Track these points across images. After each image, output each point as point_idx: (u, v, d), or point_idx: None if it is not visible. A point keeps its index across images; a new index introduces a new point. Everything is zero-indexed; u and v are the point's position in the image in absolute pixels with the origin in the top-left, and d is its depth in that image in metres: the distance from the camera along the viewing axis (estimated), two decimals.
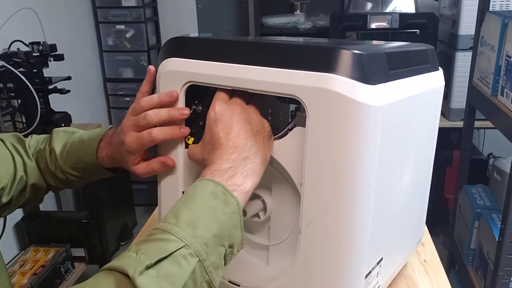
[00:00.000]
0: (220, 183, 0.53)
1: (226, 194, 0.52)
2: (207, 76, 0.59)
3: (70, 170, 0.72)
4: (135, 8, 2.62)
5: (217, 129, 0.57)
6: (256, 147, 0.57)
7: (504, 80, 1.42)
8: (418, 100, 0.63)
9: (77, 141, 0.72)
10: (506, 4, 1.70)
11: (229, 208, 0.51)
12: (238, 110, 0.58)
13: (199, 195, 0.51)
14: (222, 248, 0.50)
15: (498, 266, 1.39)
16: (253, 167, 0.56)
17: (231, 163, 0.54)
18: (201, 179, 0.53)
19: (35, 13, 2.03)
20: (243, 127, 0.57)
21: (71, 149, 0.71)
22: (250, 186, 0.55)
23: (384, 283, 0.68)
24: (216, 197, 0.51)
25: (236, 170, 0.54)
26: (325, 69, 0.51)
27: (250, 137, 0.57)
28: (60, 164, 0.72)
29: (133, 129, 0.62)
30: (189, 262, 0.46)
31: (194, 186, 0.53)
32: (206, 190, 0.52)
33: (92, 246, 2.02)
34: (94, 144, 0.70)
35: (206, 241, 0.48)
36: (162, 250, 0.46)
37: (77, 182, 0.74)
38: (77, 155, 0.71)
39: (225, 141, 0.56)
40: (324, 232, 0.55)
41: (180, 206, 0.51)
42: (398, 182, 0.63)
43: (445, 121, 2.12)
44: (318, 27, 2.58)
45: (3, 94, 1.72)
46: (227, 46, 0.60)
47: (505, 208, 1.33)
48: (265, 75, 0.55)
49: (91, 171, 0.72)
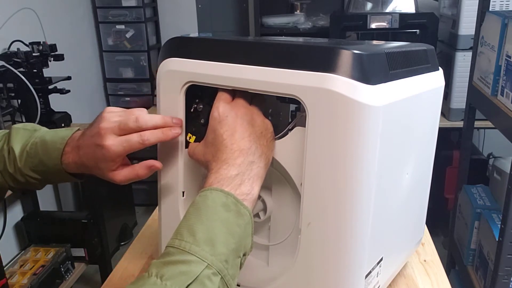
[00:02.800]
0: (230, 193, 0.52)
1: (238, 205, 0.51)
2: (207, 76, 0.59)
3: (30, 173, 0.65)
4: (135, 8, 2.62)
5: (221, 130, 0.56)
6: (260, 151, 0.56)
7: (504, 80, 1.42)
8: (418, 100, 0.63)
9: (38, 141, 0.64)
10: (506, 4, 1.70)
11: (242, 219, 0.51)
12: (242, 112, 0.58)
13: (212, 208, 0.51)
14: (238, 259, 0.50)
15: (498, 266, 1.39)
16: (258, 171, 0.56)
17: (237, 169, 0.54)
18: (209, 188, 0.52)
19: (35, 13, 2.03)
20: (247, 130, 0.56)
21: (32, 151, 0.64)
22: (257, 192, 0.55)
23: (384, 283, 0.68)
24: (229, 209, 0.51)
25: (243, 177, 0.54)
26: (325, 69, 0.51)
27: (254, 140, 0.56)
28: (19, 166, 0.65)
29: (116, 132, 0.58)
30: (213, 282, 0.46)
31: (204, 197, 0.52)
32: (218, 202, 0.51)
33: (92, 246, 2.02)
34: (58, 147, 0.63)
35: (226, 257, 0.48)
36: (187, 276, 0.45)
37: (38, 185, 0.68)
38: (38, 157, 0.64)
39: (230, 144, 0.55)
40: (324, 232, 0.55)
41: (194, 222, 0.50)
42: (398, 182, 0.63)
43: (445, 121, 2.12)
44: (318, 27, 2.58)
45: (3, 94, 1.71)
46: (227, 46, 0.60)
47: (505, 208, 1.33)
48: (265, 75, 0.55)
49: (53, 175, 0.65)
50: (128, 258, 0.87)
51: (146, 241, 0.92)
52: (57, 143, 0.63)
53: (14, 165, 0.65)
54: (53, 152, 0.63)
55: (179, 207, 0.66)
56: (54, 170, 0.63)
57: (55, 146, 0.63)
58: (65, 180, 0.67)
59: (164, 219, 0.69)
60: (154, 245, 0.90)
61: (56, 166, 0.63)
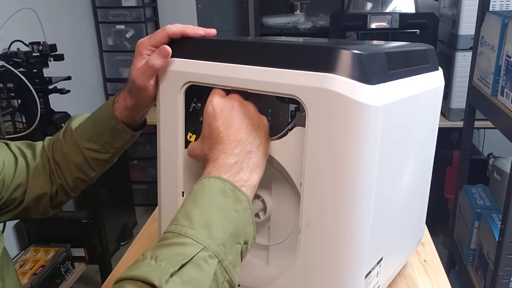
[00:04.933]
0: (228, 179, 0.52)
1: (236, 191, 0.51)
2: (207, 76, 0.59)
3: (86, 144, 0.68)
4: (135, 8, 2.62)
5: (217, 123, 0.56)
6: (258, 141, 0.56)
7: (504, 80, 1.42)
8: (418, 100, 0.63)
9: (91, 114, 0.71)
10: (506, 4, 1.70)
11: (240, 205, 0.51)
12: (237, 105, 0.58)
13: (208, 194, 0.51)
14: (238, 245, 0.50)
15: (498, 266, 1.39)
16: (257, 160, 0.55)
17: (235, 157, 0.54)
18: (207, 176, 0.52)
19: (35, 13, 2.03)
20: (244, 122, 0.57)
21: (87, 121, 0.70)
22: (256, 180, 0.55)
23: (384, 283, 0.68)
24: (226, 194, 0.51)
25: (242, 165, 0.54)
26: (325, 69, 0.51)
27: (252, 131, 0.56)
28: (76, 139, 0.69)
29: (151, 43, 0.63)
30: (209, 264, 0.46)
31: (201, 184, 0.52)
32: (215, 188, 0.51)
33: (92, 246, 2.02)
34: (109, 102, 0.68)
35: (223, 241, 0.48)
36: (182, 256, 0.45)
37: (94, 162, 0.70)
38: (93, 119, 0.69)
39: (226, 136, 0.55)
40: (324, 232, 0.55)
41: (191, 207, 0.50)
42: (398, 182, 0.63)
43: (445, 121, 2.12)
44: (318, 27, 2.58)
45: (3, 94, 1.71)
46: (227, 46, 0.60)
47: (505, 208, 1.33)
48: (264, 75, 0.55)
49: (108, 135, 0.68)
50: (128, 258, 0.87)
51: (146, 241, 0.92)
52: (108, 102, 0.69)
53: (70, 141, 0.69)
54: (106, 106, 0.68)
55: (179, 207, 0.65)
56: (108, 125, 0.67)
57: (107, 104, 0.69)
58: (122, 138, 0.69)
59: (164, 219, 0.69)
60: None
61: (110, 121, 0.67)
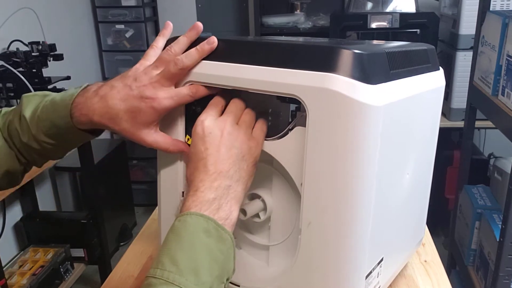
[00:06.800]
0: (211, 217, 0.51)
1: (219, 230, 0.51)
2: (207, 76, 0.59)
3: (44, 138, 0.62)
4: (135, 8, 2.62)
5: (202, 147, 0.55)
6: (238, 175, 0.55)
7: (505, 80, 1.42)
8: (419, 100, 0.63)
9: (49, 103, 0.61)
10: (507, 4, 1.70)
11: (224, 245, 0.50)
12: (227, 130, 0.56)
13: (192, 235, 0.49)
14: (222, 285, 0.50)
15: (499, 267, 1.39)
16: (235, 195, 0.55)
17: (214, 192, 0.53)
18: (188, 213, 0.51)
19: (34, 13, 2.03)
20: (230, 151, 0.55)
21: (43, 114, 0.61)
22: (236, 216, 0.54)
23: (385, 284, 0.67)
24: (210, 234, 0.50)
25: (221, 201, 0.53)
26: (325, 68, 0.51)
27: (234, 163, 0.55)
28: (33, 133, 0.61)
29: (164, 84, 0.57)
30: None
31: (184, 222, 0.50)
32: (199, 228, 0.50)
33: (91, 246, 2.02)
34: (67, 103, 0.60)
35: (210, 285, 0.47)
36: None
37: (55, 152, 0.65)
38: (49, 119, 0.61)
39: (208, 164, 0.54)
40: (324, 232, 0.55)
41: (176, 249, 0.48)
42: (399, 182, 0.63)
43: (445, 121, 2.12)
44: (318, 27, 2.58)
45: (2, 94, 1.71)
46: (228, 46, 0.60)
47: (506, 208, 1.33)
48: (265, 75, 0.55)
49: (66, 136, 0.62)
50: (127, 259, 0.87)
51: (145, 241, 0.92)
52: (66, 99, 0.60)
53: (28, 133, 0.62)
54: (63, 109, 0.60)
55: (179, 207, 0.65)
56: (65, 128, 0.60)
57: (64, 102, 0.60)
58: (78, 140, 0.64)
59: (164, 219, 0.69)
60: (154, 246, 0.90)
61: (67, 124, 0.60)
